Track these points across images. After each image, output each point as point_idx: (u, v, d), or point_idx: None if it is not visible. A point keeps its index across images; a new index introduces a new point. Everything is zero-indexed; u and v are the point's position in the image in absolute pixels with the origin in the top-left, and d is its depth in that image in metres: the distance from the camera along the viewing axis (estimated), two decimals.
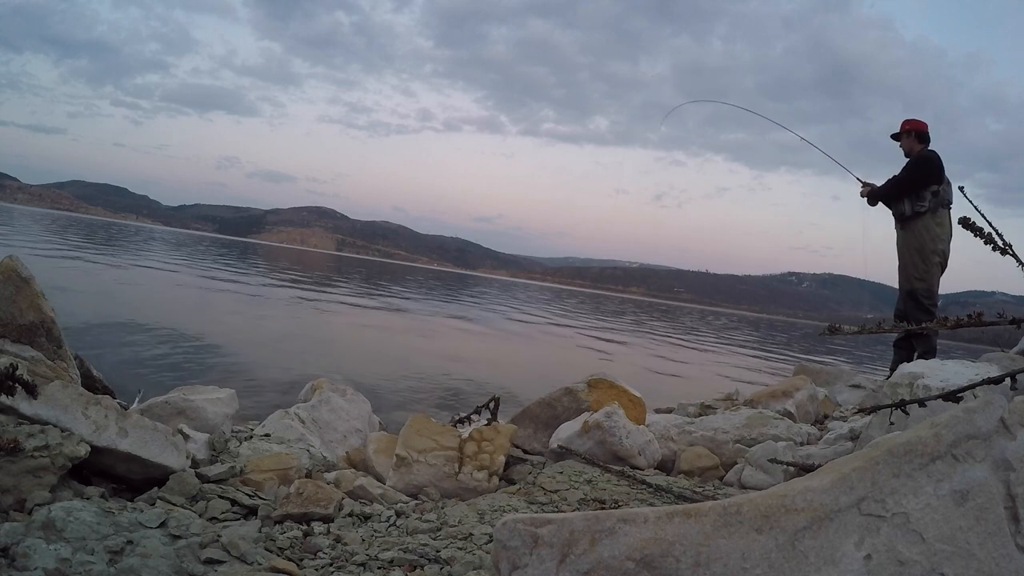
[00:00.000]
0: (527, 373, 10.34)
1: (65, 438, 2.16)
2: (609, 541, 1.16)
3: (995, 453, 1.25)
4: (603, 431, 3.28)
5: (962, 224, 1.68)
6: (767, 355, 21.91)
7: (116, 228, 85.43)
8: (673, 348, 20.05)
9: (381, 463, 3.29)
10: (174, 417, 3.24)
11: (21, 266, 2.90)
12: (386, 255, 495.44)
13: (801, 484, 1.23)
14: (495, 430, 3.26)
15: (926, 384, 2.62)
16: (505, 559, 1.19)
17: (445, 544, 2.19)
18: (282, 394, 5.90)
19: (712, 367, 15.55)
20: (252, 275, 26.80)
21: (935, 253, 4.80)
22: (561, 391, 3.92)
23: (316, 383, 4.23)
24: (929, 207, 4.75)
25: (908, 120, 5.02)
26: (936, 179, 4.76)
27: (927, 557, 1.16)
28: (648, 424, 3.82)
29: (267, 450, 3.13)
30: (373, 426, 4.22)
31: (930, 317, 4.61)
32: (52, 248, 22.94)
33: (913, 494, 1.20)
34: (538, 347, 15.55)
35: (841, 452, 2.90)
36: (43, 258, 17.22)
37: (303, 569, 1.96)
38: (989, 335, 2.85)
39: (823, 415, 4.60)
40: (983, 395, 1.37)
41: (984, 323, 1.69)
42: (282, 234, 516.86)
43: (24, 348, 2.74)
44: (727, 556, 1.13)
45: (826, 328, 1.82)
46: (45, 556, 1.67)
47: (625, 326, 29.53)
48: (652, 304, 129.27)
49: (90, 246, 29.17)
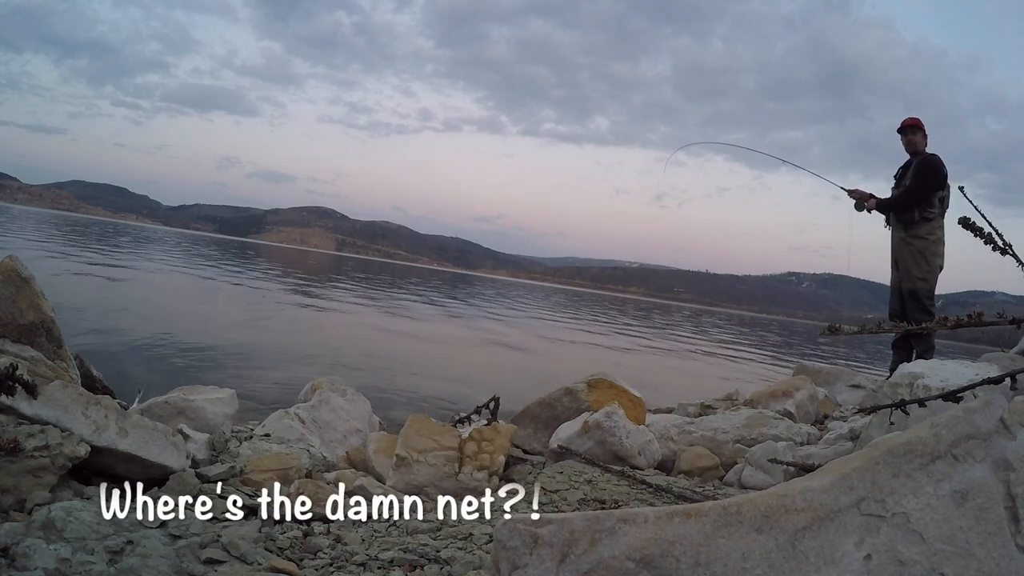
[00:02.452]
0: (527, 373, 10.34)
1: (65, 438, 2.16)
2: (609, 541, 1.15)
3: (995, 453, 1.25)
4: (603, 431, 3.28)
5: (962, 224, 1.68)
6: (767, 355, 21.91)
7: (116, 228, 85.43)
8: (673, 348, 20.05)
9: (381, 463, 3.29)
10: (174, 417, 3.24)
11: (21, 266, 2.90)
12: (386, 255, 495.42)
13: (801, 484, 1.23)
14: (495, 430, 3.26)
15: (926, 384, 2.63)
16: (505, 559, 1.19)
17: (445, 544, 2.19)
18: (282, 394, 5.90)
19: (712, 367, 15.54)
20: (252, 275, 26.80)
21: (937, 255, 4.81)
22: (561, 391, 3.92)
23: (316, 383, 4.23)
24: (936, 213, 4.77)
25: (913, 117, 4.97)
26: (943, 185, 4.78)
27: (927, 557, 1.16)
28: (648, 424, 3.82)
29: (267, 450, 3.13)
30: (373, 426, 4.22)
31: (930, 317, 4.61)
32: (52, 248, 22.94)
33: (913, 494, 1.20)
34: (539, 347, 15.55)
35: (841, 452, 2.90)
36: (43, 258, 17.22)
37: (303, 569, 1.96)
38: (989, 335, 2.85)
39: (823, 415, 4.60)
40: (983, 395, 1.37)
41: (984, 323, 1.69)
42: (282, 234, 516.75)
43: (24, 348, 2.74)
44: (727, 556, 1.13)
45: (826, 328, 1.82)
46: (45, 556, 1.67)
47: (625, 326, 29.53)
48: (652, 304, 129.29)
49: (90, 246, 29.16)
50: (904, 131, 4.96)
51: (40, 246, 22.81)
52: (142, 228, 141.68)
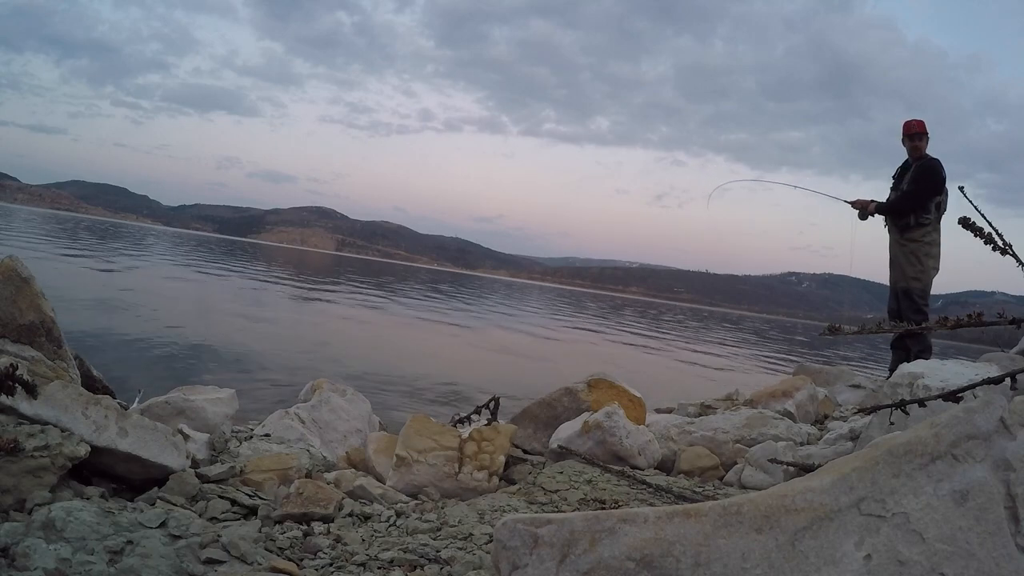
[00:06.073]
0: (527, 373, 10.34)
1: (65, 438, 2.16)
2: (609, 541, 1.15)
3: (995, 453, 1.25)
4: (603, 431, 3.28)
5: (962, 224, 1.68)
6: (767, 355, 21.91)
7: (116, 228, 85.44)
8: (673, 348, 20.05)
9: (381, 463, 3.29)
10: (174, 417, 3.24)
11: (21, 266, 2.89)
12: (386, 255, 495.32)
13: (801, 484, 1.23)
14: (495, 430, 3.26)
15: (926, 384, 2.62)
16: (505, 559, 1.19)
17: (445, 544, 2.19)
18: (282, 394, 5.90)
19: (712, 367, 15.54)
20: (252, 275, 26.79)
21: (929, 256, 4.86)
22: (561, 391, 3.92)
23: (316, 383, 4.23)
24: (933, 218, 4.79)
25: (918, 121, 4.92)
26: (940, 190, 4.80)
27: (927, 557, 1.16)
28: (648, 424, 3.82)
29: (267, 450, 3.13)
30: (373, 426, 4.22)
31: (922, 316, 4.65)
32: (52, 248, 22.93)
33: (913, 494, 1.20)
34: (538, 347, 15.55)
35: (841, 452, 2.90)
36: (43, 258, 17.22)
37: (303, 569, 1.96)
38: (989, 335, 2.84)
39: (823, 415, 4.60)
40: (983, 395, 1.37)
41: (984, 323, 1.69)
42: (282, 234, 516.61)
43: (24, 348, 2.74)
44: (727, 556, 1.13)
45: (826, 328, 1.82)
46: (45, 556, 1.67)
47: (625, 326, 29.53)
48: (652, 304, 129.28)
49: (90, 246, 29.15)
50: (911, 137, 4.95)
51: (40, 246, 22.80)
52: (142, 228, 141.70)
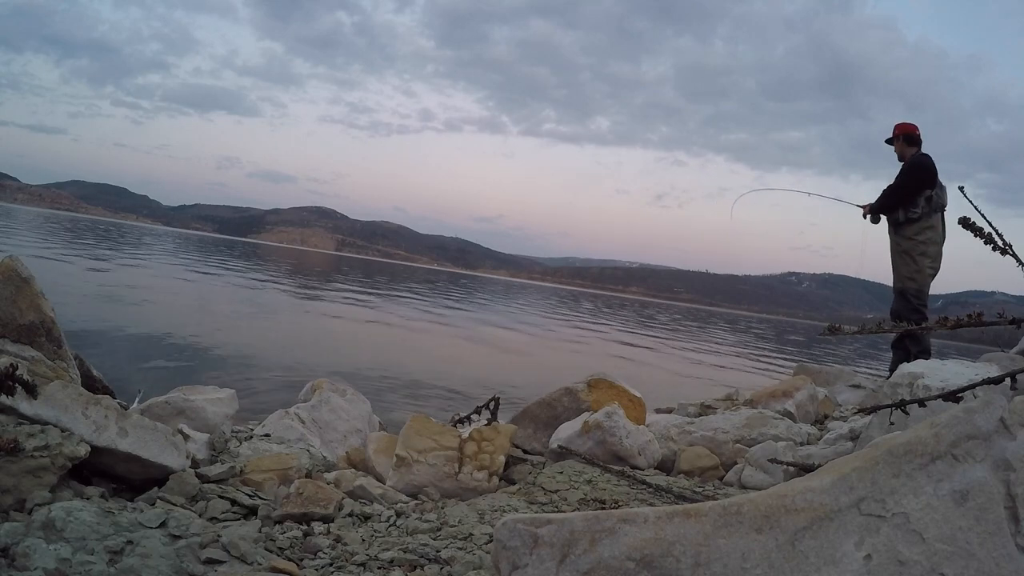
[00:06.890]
0: (527, 373, 10.34)
1: (65, 438, 2.16)
2: (609, 541, 1.15)
3: (995, 453, 1.25)
4: (603, 431, 3.28)
5: (962, 224, 1.68)
6: (767, 355, 21.91)
7: (116, 228, 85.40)
8: (672, 348, 20.05)
9: (381, 463, 3.29)
10: (174, 417, 3.24)
11: (21, 266, 2.89)
12: (386, 255, 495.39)
13: (801, 484, 1.23)
14: (495, 430, 3.26)
15: (926, 384, 2.62)
16: (505, 559, 1.19)
17: (445, 544, 2.19)
18: (282, 394, 5.90)
19: (712, 367, 15.54)
20: (252, 275, 26.79)
21: (925, 256, 4.83)
22: (561, 391, 3.92)
23: (316, 383, 4.23)
24: (922, 212, 4.76)
25: (898, 124, 5.01)
26: (929, 184, 4.77)
27: (927, 557, 1.16)
28: (648, 424, 3.82)
29: (267, 450, 3.13)
30: (373, 426, 4.22)
31: (919, 316, 4.64)
32: (52, 248, 22.93)
33: (913, 494, 1.20)
34: (538, 347, 15.55)
35: (841, 452, 2.90)
36: (43, 258, 17.22)
37: (303, 569, 1.96)
38: (989, 335, 2.84)
39: (823, 415, 4.60)
40: (983, 395, 1.37)
41: (984, 323, 1.69)
42: (282, 234, 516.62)
43: (24, 348, 2.74)
44: (727, 556, 1.13)
45: (826, 328, 1.82)
46: (45, 556, 1.67)
47: (625, 326, 29.53)
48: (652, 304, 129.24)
49: (90, 246, 29.15)
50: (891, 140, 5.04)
51: (40, 246, 22.80)
52: (142, 228, 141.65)
